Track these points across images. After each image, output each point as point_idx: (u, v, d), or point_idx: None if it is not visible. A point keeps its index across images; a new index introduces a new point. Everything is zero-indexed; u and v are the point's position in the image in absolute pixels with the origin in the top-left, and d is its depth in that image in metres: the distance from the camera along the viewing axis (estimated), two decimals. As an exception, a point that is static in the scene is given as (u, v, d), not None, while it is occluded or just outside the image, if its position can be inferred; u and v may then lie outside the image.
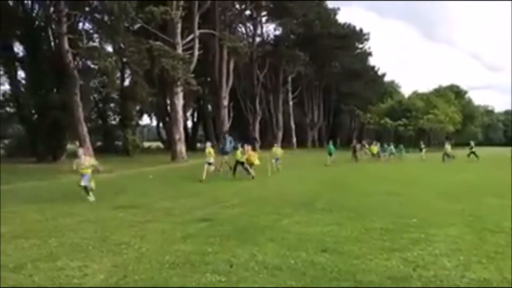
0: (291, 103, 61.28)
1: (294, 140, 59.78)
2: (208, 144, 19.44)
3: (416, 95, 78.31)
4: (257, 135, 52.06)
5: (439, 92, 79.50)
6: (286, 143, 58.64)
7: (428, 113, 67.39)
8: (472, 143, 34.59)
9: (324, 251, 6.48)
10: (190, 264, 5.88)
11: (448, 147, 33.45)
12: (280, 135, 57.48)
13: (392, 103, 73.96)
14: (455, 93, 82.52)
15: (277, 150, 23.27)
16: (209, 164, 18.22)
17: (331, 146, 29.90)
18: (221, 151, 22.60)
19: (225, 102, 44.76)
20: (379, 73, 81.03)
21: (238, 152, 18.88)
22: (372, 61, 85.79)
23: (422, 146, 39.60)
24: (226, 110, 44.91)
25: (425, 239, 7.12)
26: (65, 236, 7.65)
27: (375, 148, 35.88)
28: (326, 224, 8.55)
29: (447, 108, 71.29)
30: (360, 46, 68.60)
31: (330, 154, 29.05)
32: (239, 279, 5.23)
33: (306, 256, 6.21)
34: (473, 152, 32.84)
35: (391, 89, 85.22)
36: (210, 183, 16.88)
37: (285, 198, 12.65)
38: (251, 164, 18.14)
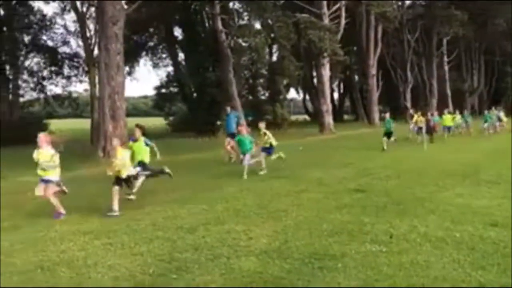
0: (446, 68, 56.40)
1: (451, 108, 55.26)
2: (115, 142, 8.76)
3: None
4: (408, 104, 49.39)
5: None
6: (441, 112, 54.54)
7: None
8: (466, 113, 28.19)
9: (494, 225, 6.01)
10: (348, 233, 5.94)
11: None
12: (434, 103, 53.60)
13: None
14: None
15: (266, 137, 12.82)
16: (129, 180, 8.24)
17: (389, 120, 19.18)
18: (226, 133, 16.56)
19: (373, 71, 43.19)
20: (556, 26, 69.83)
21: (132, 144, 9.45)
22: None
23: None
24: (374, 79, 43.37)
25: None
26: (229, 202, 8.29)
27: (448, 117, 24.16)
28: (493, 197, 7.88)
29: None
30: (531, -3, 59.78)
31: (388, 133, 18.48)
32: (401, 250, 5.13)
33: (473, 230, 5.82)
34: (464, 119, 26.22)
35: None
36: (361, 153, 16.58)
37: (443, 169, 11.90)
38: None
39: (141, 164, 9.33)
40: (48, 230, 6.67)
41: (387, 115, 20.39)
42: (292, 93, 74.62)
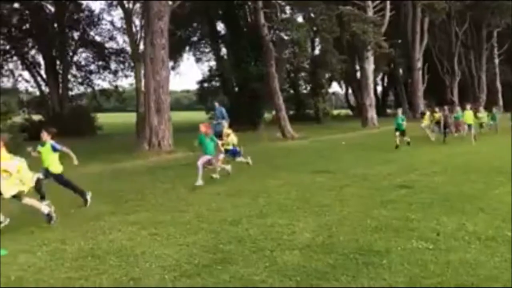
0: (496, 61, 54.05)
1: (501, 103, 52.94)
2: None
3: None
4: (456, 98, 47.76)
5: None
6: (490, 107, 52.37)
7: None
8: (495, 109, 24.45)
9: (549, 225, 5.73)
10: (393, 229, 5.84)
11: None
12: (483, 97, 51.55)
13: None
14: None
15: (229, 138, 12.51)
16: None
17: (399, 118, 17.45)
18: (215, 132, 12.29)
19: (419, 64, 42.03)
20: None
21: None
22: None
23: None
24: (419, 73, 42.20)
25: None
26: (271, 196, 8.32)
27: (469, 114, 19.73)
28: (548, 196, 7.51)
29: None
30: None
31: (399, 130, 17.05)
32: (448, 248, 5.00)
33: (526, 229, 5.58)
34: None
35: None
36: (404, 150, 16.20)
37: (494, 165, 11.46)
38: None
39: (47, 172, 7.94)
40: (97, 220, 6.93)
41: (399, 111, 19.00)
42: (334, 87, 73.66)
